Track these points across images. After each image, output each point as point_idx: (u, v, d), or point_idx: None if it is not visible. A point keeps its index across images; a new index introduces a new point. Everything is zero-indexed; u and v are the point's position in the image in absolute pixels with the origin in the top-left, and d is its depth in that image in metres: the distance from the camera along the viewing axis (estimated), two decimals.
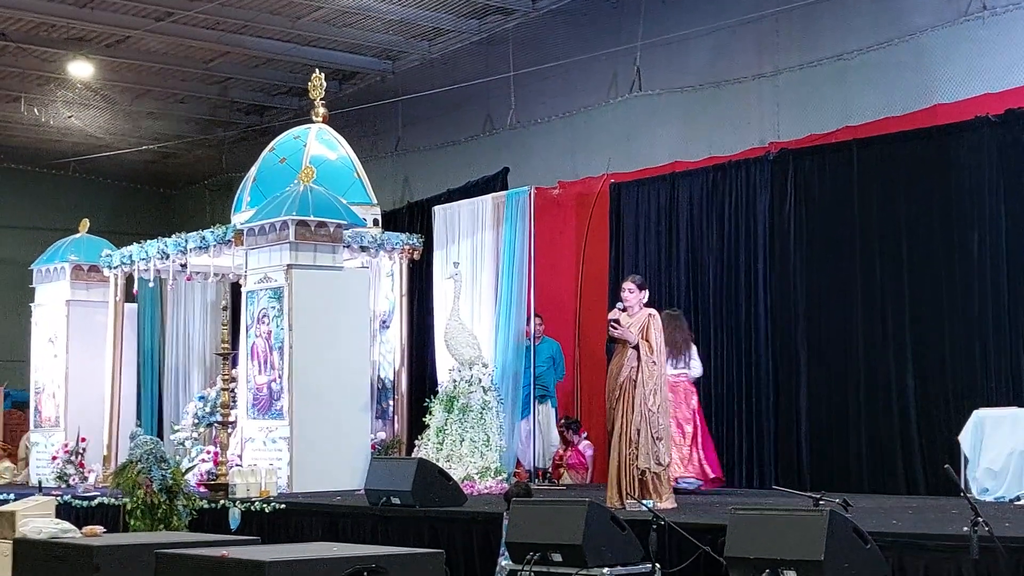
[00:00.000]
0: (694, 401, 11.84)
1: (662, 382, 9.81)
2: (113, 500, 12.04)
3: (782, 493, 9.78)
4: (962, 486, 9.20)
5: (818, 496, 7.55)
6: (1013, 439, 10.35)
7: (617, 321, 9.79)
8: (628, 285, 10.04)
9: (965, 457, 10.50)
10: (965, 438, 10.60)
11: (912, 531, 7.66)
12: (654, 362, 9.72)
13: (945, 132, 11.87)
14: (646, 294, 10.00)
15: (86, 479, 15.16)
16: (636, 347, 9.71)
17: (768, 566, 6.60)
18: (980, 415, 10.69)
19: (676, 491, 10.39)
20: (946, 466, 6.90)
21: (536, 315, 13.90)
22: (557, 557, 7.67)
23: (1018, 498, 10.03)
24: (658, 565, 7.68)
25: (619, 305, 9.95)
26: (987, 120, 11.52)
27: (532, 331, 13.64)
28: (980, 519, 6.30)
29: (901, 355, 12.01)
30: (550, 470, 13.76)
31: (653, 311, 9.94)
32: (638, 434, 9.67)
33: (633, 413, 9.67)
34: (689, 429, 11.67)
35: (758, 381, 12.96)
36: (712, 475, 11.79)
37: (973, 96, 11.76)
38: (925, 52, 12.26)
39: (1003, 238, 11.42)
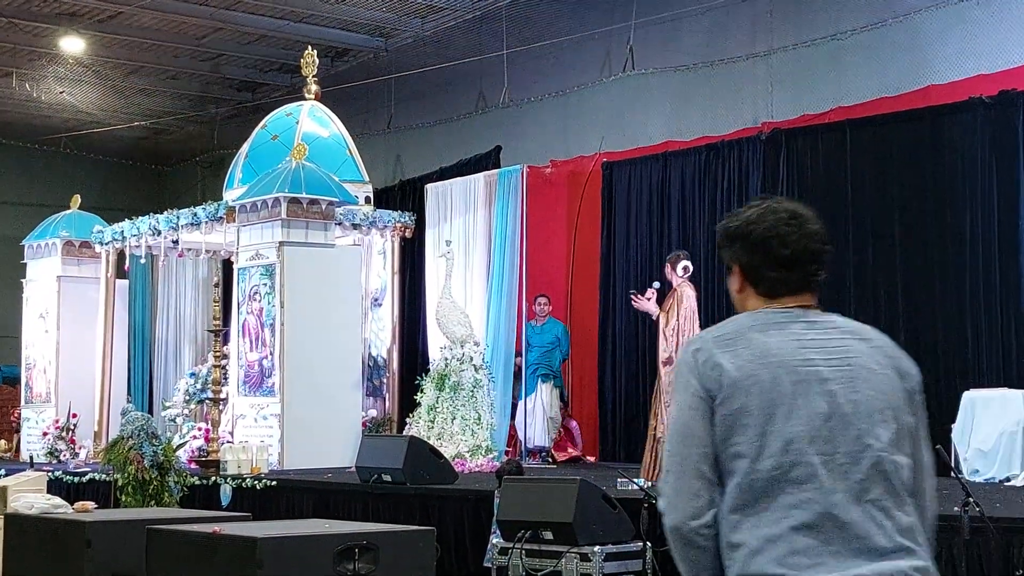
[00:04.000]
0: None
1: (671, 353, 9.95)
2: (104, 476, 12.04)
3: None
4: (952, 466, 9.23)
5: None
6: (1003, 420, 10.38)
7: (637, 294, 10.19)
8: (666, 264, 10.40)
9: (955, 448, 10.51)
10: (956, 428, 10.62)
11: None
12: (665, 335, 9.96)
13: (938, 113, 11.86)
14: (681, 268, 10.22)
15: (77, 455, 15.17)
16: (658, 320, 10.03)
17: None
18: (970, 396, 10.72)
19: None
20: (937, 446, 6.90)
21: (543, 295, 13.89)
22: (548, 535, 7.69)
23: (1008, 479, 10.06)
24: (649, 543, 7.69)
25: (654, 284, 10.40)
26: (980, 101, 11.51)
27: (537, 311, 13.70)
28: (971, 499, 6.31)
29: (893, 335, 11.71)
30: (551, 449, 13.73)
31: (683, 285, 10.15)
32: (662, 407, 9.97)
33: (660, 385, 10.02)
34: None
35: None
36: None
37: (966, 77, 11.75)
38: (919, 33, 12.24)
39: (995, 219, 11.42)
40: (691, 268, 10.51)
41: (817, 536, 2.56)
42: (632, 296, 10.54)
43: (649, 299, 10.32)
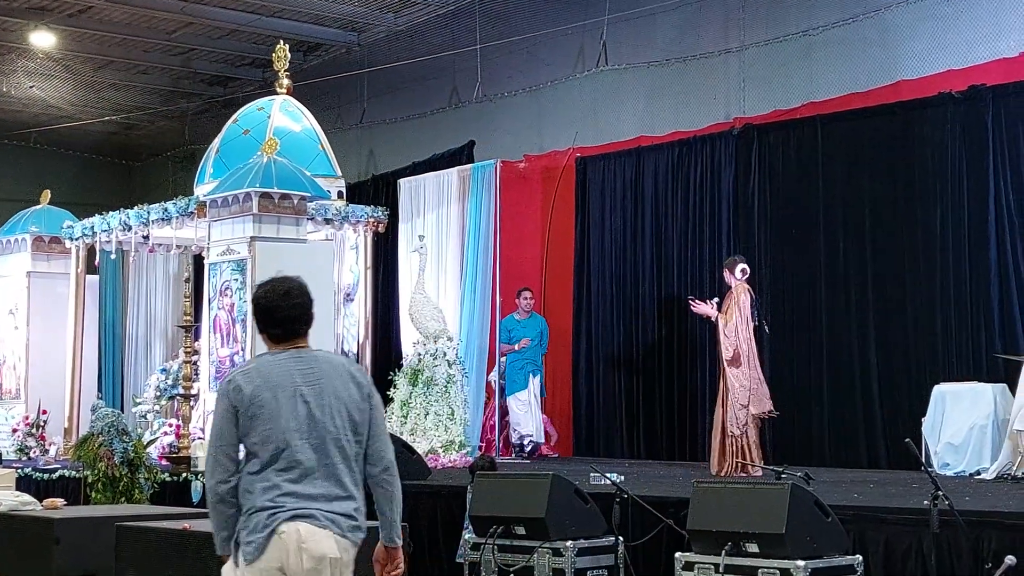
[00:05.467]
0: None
1: (734, 351, 10.61)
2: (74, 473, 11.97)
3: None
4: (923, 460, 9.27)
5: (780, 469, 7.59)
6: (973, 414, 10.43)
7: (695, 299, 11.13)
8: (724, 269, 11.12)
9: (926, 442, 10.57)
10: (927, 422, 10.68)
11: (873, 504, 7.72)
12: (725, 334, 10.66)
13: (909, 108, 11.92)
14: (739, 271, 10.84)
15: (47, 451, 15.06)
16: (716, 322, 10.75)
17: (730, 539, 6.63)
18: (941, 390, 10.77)
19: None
20: (907, 440, 6.94)
21: (527, 289, 13.84)
22: (520, 530, 7.68)
23: (978, 472, 10.11)
24: (621, 538, 7.69)
25: (715, 300, 11.00)
26: (950, 96, 11.57)
27: (522, 305, 13.64)
28: (940, 493, 6.34)
29: (864, 329, 12.08)
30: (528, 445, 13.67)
31: (739, 287, 10.79)
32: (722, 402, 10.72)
33: (727, 383, 10.70)
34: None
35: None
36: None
37: (936, 72, 11.81)
38: (890, 29, 12.29)
39: (965, 214, 11.48)
40: (748, 270, 11.01)
41: (297, 487, 4.34)
42: (691, 300, 11.17)
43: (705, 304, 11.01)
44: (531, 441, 13.56)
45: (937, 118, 11.68)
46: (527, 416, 13.56)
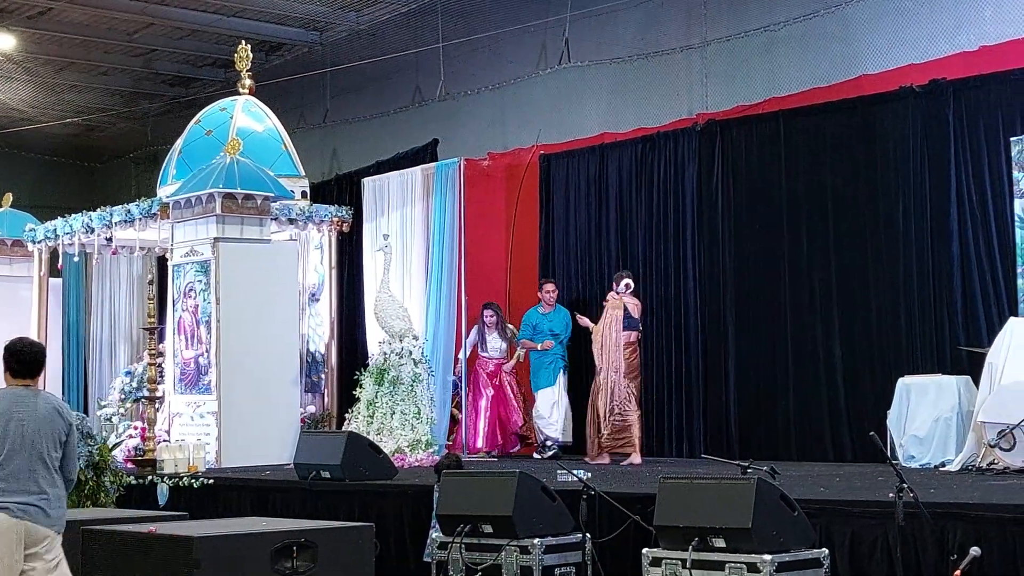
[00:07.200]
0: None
1: (605, 352, 11.89)
2: None
3: (711, 461, 9.89)
4: (888, 453, 9.33)
5: (746, 464, 7.63)
6: (938, 406, 10.49)
7: (579, 315, 12.64)
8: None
9: (891, 435, 10.63)
10: (892, 415, 10.74)
11: (839, 498, 7.76)
12: (593, 341, 11.99)
13: (870, 103, 11.97)
14: (623, 285, 11.97)
15: None
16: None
17: (697, 534, 6.66)
18: (905, 383, 10.83)
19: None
20: (871, 433, 6.97)
21: (549, 280, 13.62)
22: (488, 528, 7.68)
23: (943, 464, 10.17)
24: (588, 535, 7.71)
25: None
26: (911, 91, 11.64)
27: (545, 297, 13.35)
28: (905, 486, 6.38)
29: (828, 324, 12.13)
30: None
31: (613, 301, 11.97)
32: None
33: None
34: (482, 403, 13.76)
35: (687, 350, 13.04)
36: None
37: (897, 67, 11.87)
38: (851, 23, 12.35)
39: (927, 206, 11.55)
40: (632, 285, 12.00)
41: (5, 485, 6.05)
42: (577, 316, 12.62)
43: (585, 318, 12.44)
44: (554, 443, 13.04)
45: (898, 112, 11.75)
46: (557, 417, 13.21)
